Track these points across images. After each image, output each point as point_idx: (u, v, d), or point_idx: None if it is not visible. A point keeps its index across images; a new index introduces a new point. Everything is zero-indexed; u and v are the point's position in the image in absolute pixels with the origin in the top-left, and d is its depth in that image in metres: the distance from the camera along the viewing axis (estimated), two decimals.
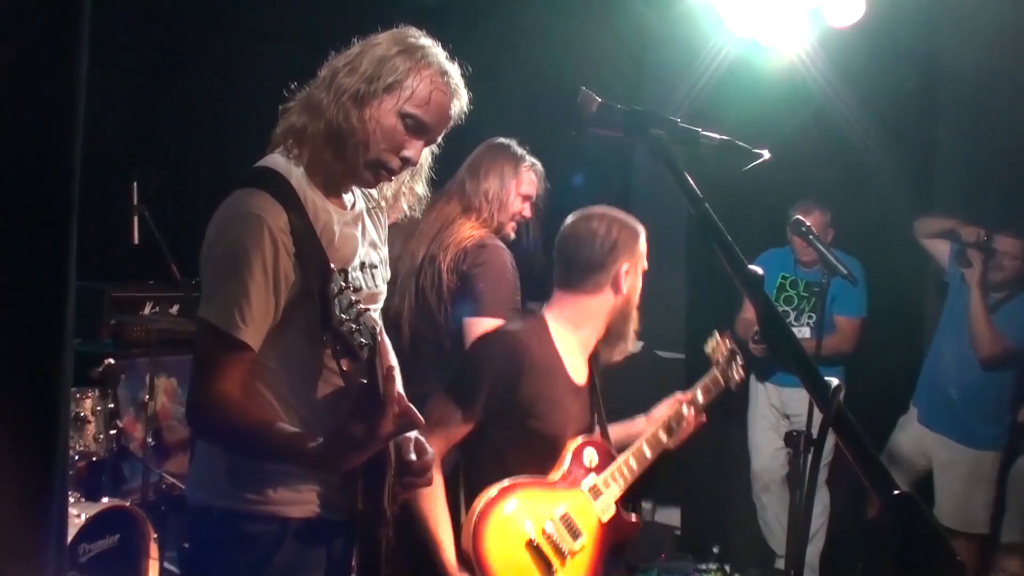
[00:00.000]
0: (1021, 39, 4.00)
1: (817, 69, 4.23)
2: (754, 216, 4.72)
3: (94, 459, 3.63)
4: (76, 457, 3.53)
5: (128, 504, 3.41)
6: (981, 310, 3.95)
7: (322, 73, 1.80)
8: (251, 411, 1.70)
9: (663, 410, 2.70)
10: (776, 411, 4.54)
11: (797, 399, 4.31)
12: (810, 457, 3.23)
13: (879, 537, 4.21)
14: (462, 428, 2.34)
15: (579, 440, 2.47)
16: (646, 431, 2.62)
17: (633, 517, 2.56)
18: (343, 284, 1.50)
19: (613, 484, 2.49)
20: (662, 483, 5.23)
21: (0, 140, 1.32)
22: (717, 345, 2.93)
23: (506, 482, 2.31)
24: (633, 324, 2.55)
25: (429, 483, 1.83)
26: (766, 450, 4.53)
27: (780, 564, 4.48)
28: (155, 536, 3.39)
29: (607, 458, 2.51)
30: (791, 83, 4.24)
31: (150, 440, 4.04)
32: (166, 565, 3.47)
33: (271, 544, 1.76)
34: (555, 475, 2.41)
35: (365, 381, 1.52)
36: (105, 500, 3.38)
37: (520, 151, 3.14)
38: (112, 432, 3.68)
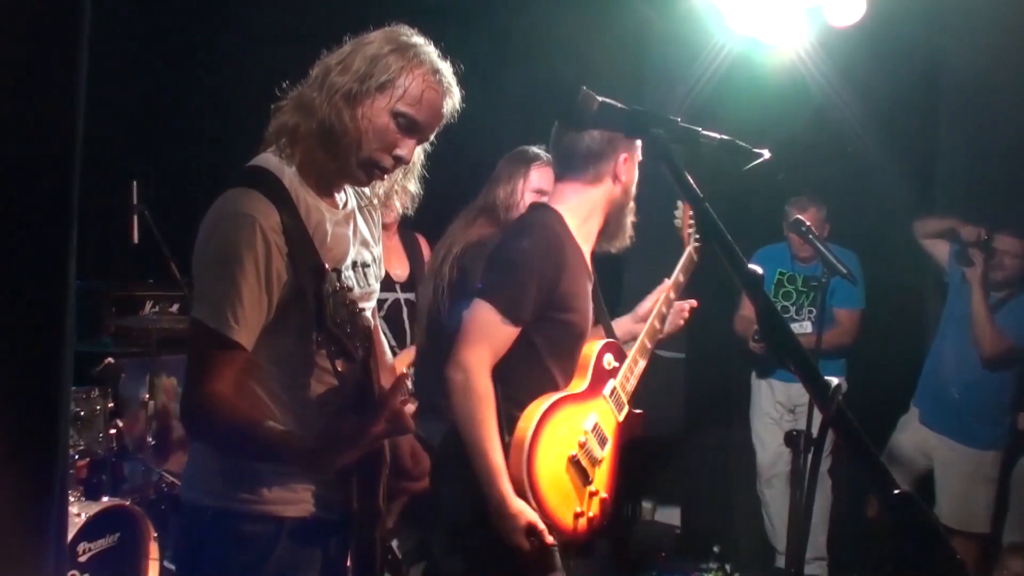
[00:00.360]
0: (1021, 38, 4.00)
1: (817, 68, 4.23)
2: (754, 214, 4.72)
3: (94, 458, 3.63)
4: (76, 456, 3.53)
5: (128, 503, 3.41)
6: (983, 308, 3.95)
7: (314, 72, 1.79)
8: (244, 410, 1.70)
9: (649, 304, 2.77)
10: (782, 407, 4.53)
11: (803, 393, 4.30)
12: (810, 456, 3.23)
13: (879, 536, 4.22)
14: (513, 333, 2.29)
15: (599, 344, 2.50)
16: (644, 326, 2.68)
17: (638, 410, 2.61)
18: (338, 285, 1.50)
19: (627, 384, 2.55)
20: (662, 483, 5.25)
21: (1, 140, 1.32)
22: (684, 216, 2.97)
23: (545, 405, 2.31)
24: (630, 216, 2.54)
25: (425, 487, 1.83)
26: (771, 446, 4.52)
27: (780, 562, 4.49)
28: (155, 535, 3.40)
29: (621, 358, 2.56)
30: (792, 82, 4.24)
31: (150, 439, 4.04)
32: (166, 564, 3.47)
33: (266, 544, 1.76)
34: (582, 384, 2.43)
35: (359, 380, 1.52)
36: (105, 499, 3.38)
37: (535, 151, 3.19)
38: (112, 431, 3.69)
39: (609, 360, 2.51)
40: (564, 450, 2.32)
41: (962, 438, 4.09)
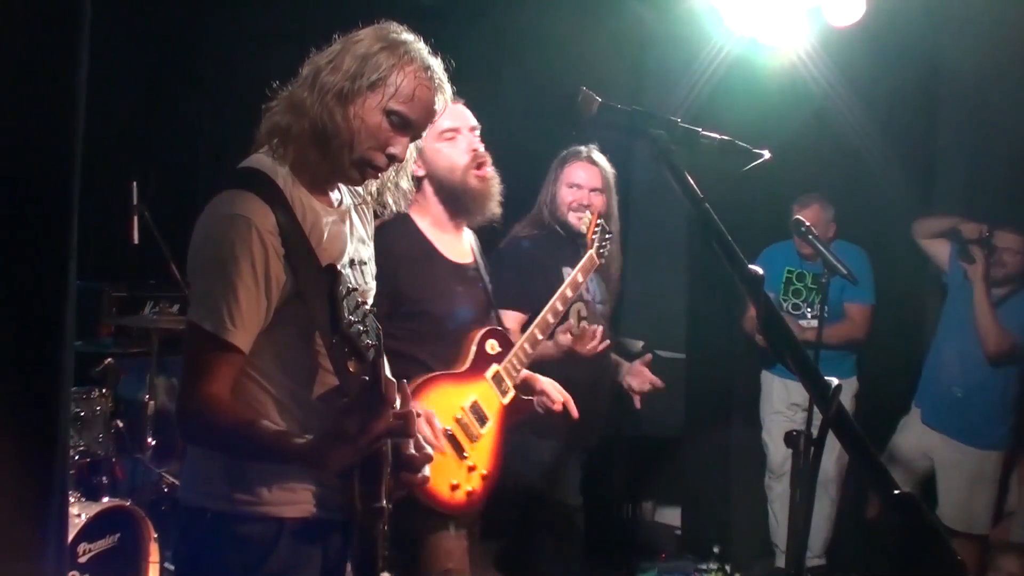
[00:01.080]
0: (1020, 37, 4.00)
1: (817, 68, 4.23)
2: (756, 214, 4.73)
3: (94, 459, 3.63)
4: (76, 456, 3.52)
5: (128, 504, 3.41)
6: (987, 306, 3.95)
7: (304, 71, 1.79)
8: (241, 412, 1.69)
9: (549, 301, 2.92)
10: (798, 407, 4.47)
11: None
12: (810, 457, 3.22)
13: (880, 537, 4.22)
14: None
15: (482, 331, 2.67)
16: (538, 316, 2.85)
17: (531, 398, 2.81)
18: (351, 286, 1.49)
19: (513, 370, 2.71)
20: (662, 483, 5.26)
21: (1, 141, 1.32)
22: (591, 223, 3.11)
23: (420, 379, 2.48)
24: (469, 187, 2.60)
25: (425, 481, 1.82)
26: (783, 444, 4.50)
27: (780, 561, 4.49)
28: (155, 536, 3.39)
29: (508, 345, 2.73)
30: (791, 82, 4.24)
31: (150, 440, 4.04)
32: (166, 564, 3.47)
33: (266, 545, 1.75)
34: (463, 366, 2.62)
35: (366, 379, 1.52)
36: (105, 500, 3.37)
37: (577, 148, 3.37)
38: (112, 432, 3.68)
39: (493, 345, 2.68)
40: (440, 422, 2.47)
41: (965, 438, 4.09)
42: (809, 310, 4.52)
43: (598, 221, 3.09)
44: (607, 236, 3.09)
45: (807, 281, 4.53)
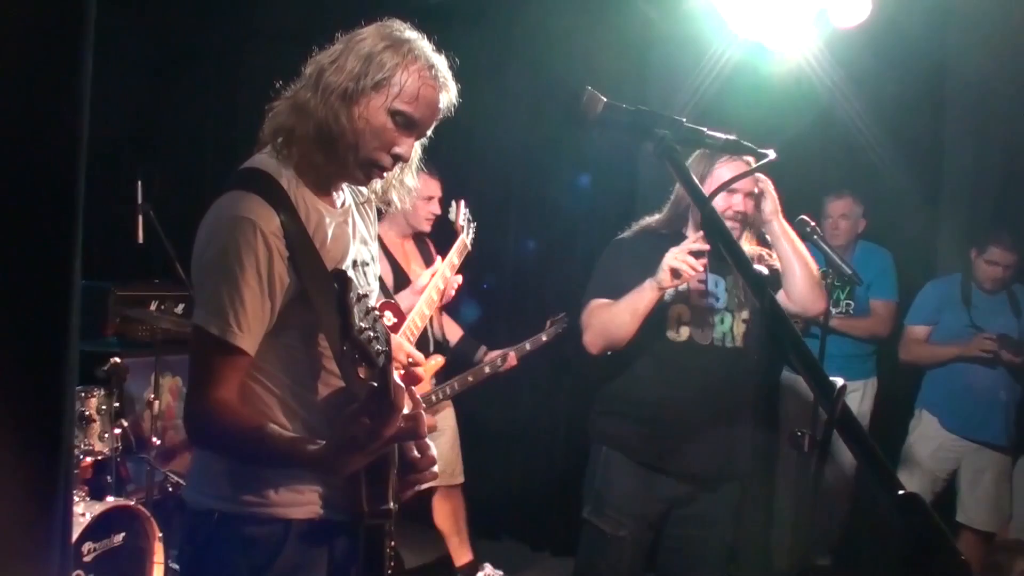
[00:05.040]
0: None
1: (823, 68, 4.23)
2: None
3: (99, 458, 3.64)
4: (81, 456, 3.53)
5: (133, 503, 3.42)
6: None
7: (307, 71, 1.77)
8: (249, 417, 1.68)
9: (426, 278, 3.22)
10: None
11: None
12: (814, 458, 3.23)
13: (884, 537, 4.22)
14: None
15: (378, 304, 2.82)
16: (422, 295, 3.14)
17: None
18: (360, 292, 1.48)
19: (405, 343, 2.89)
20: None
21: (6, 140, 1.33)
22: (456, 211, 3.49)
23: None
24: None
25: (433, 478, 1.82)
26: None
27: (782, 560, 4.48)
28: (160, 535, 3.40)
29: (401, 317, 2.88)
30: (797, 82, 4.23)
31: (155, 439, 4.05)
32: (171, 564, 3.47)
33: (273, 546, 1.75)
34: None
35: (375, 384, 1.51)
36: (110, 499, 3.38)
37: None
38: (117, 431, 3.69)
39: (388, 318, 2.83)
40: None
41: (994, 440, 4.20)
42: (835, 307, 4.55)
43: (466, 213, 3.42)
44: (470, 224, 3.40)
45: (831, 279, 4.56)
